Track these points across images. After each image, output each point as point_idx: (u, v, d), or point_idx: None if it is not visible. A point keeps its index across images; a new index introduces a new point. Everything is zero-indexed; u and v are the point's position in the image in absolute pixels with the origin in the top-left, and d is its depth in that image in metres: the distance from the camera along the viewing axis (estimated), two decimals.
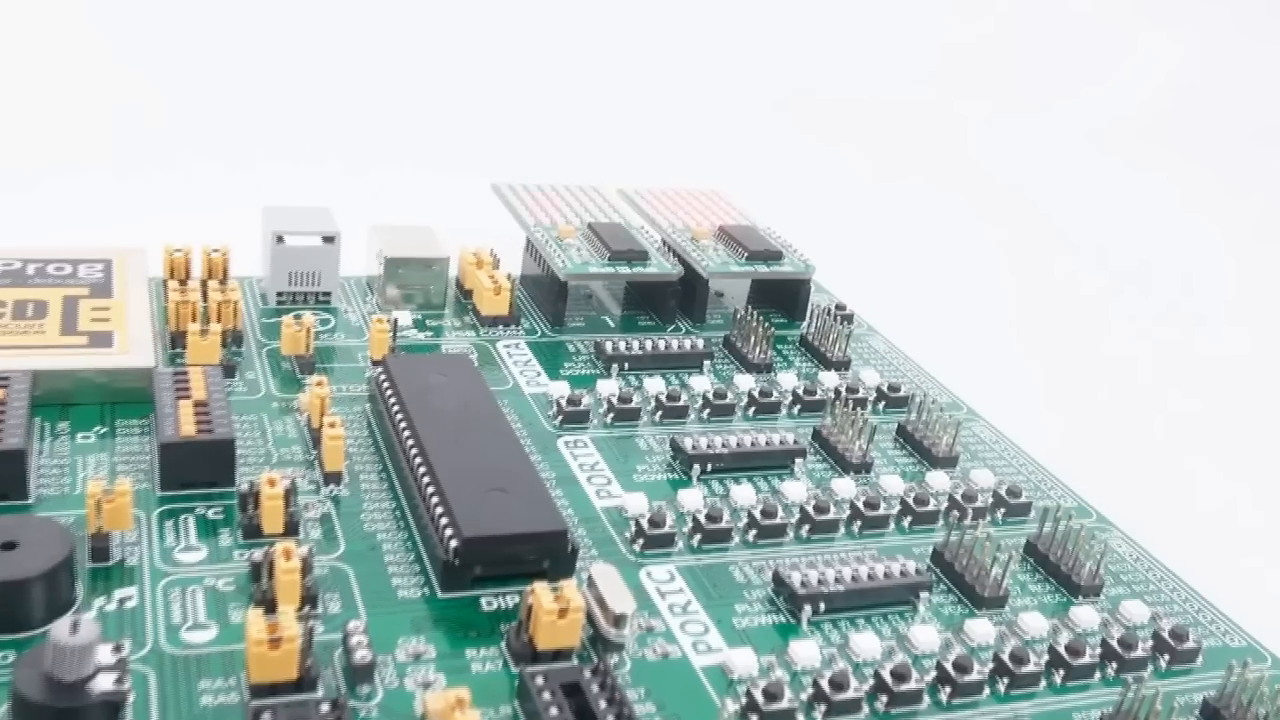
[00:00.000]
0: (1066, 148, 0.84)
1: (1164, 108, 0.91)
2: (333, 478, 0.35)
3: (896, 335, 0.51)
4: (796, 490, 0.37)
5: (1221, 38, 0.97)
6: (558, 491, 0.36)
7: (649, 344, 0.44)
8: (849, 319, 0.51)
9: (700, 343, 0.45)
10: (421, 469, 0.34)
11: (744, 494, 0.37)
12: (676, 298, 0.48)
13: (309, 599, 0.29)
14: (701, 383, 0.43)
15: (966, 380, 0.47)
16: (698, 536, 0.35)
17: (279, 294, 0.46)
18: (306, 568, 0.30)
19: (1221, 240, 0.74)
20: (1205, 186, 0.80)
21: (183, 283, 0.43)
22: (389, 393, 0.37)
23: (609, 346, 0.44)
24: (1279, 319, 0.65)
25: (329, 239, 0.46)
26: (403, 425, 0.36)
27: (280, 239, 0.45)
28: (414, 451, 0.35)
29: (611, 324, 0.48)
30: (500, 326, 0.46)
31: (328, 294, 0.46)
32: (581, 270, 0.46)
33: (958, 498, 0.38)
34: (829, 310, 0.49)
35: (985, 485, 0.40)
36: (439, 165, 0.67)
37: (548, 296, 0.47)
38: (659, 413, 0.41)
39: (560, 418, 0.40)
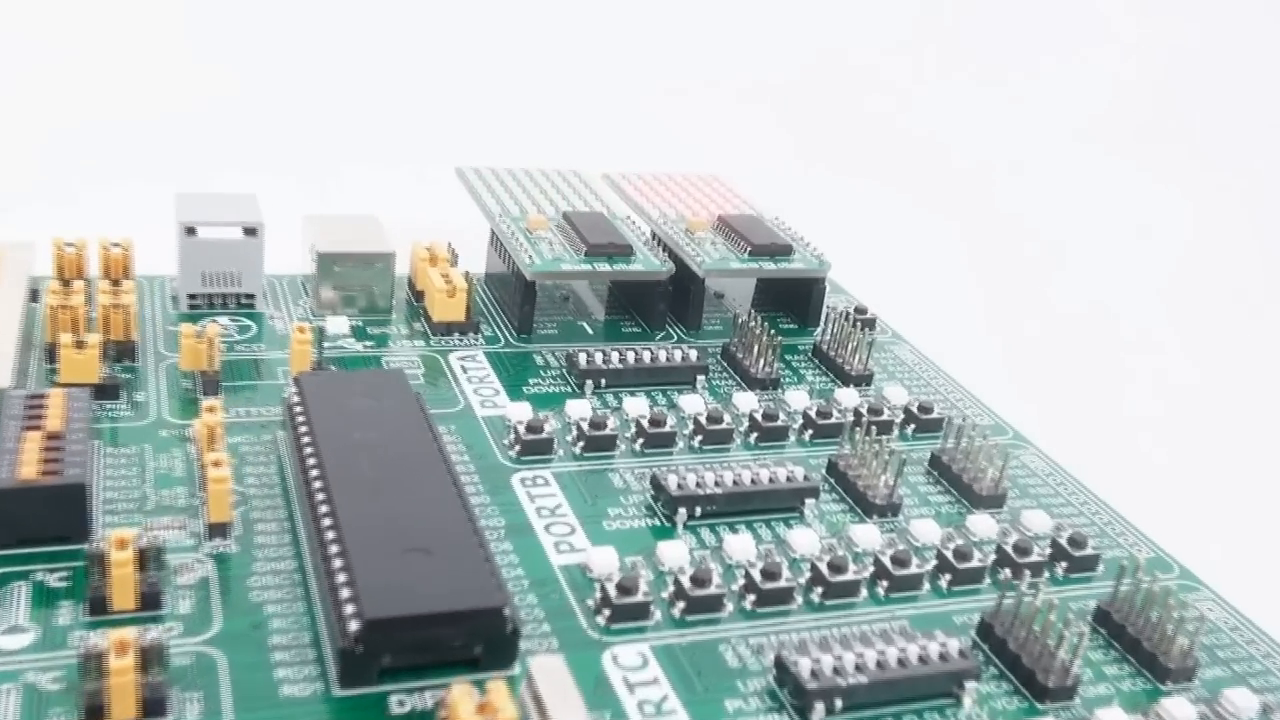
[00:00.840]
0: (1097, 142, 0.76)
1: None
2: (217, 530, 0.28)
3: (927, 344, 0.44)
4: (807, 540, 0.30)
5: (1220, 37, 0.89)
6: (506, 545, 0.29)
7: (631, 356, 0.37)
8: (870, 325, 0.44)
9: (694, 354, 0.38)
10: (326, 520, 0.26)
11: (741, 546, 0.30)
12: (667, 300, 0.41)
13: (152, 704, 0.22)
14: (693, 403, 0.36)
15: (1012, 397, 0.40)
16: (680, 605, 0.27)
17: (191, 297, 0.38)
18: (152, 660, 0.22)
19: None
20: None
21: (66, 283, 0.35)
22: (300, 420, 0.30)
23: (582, 359, 0.37)
24: None
25: (251, 231, 0.39)
26: (311, 462, 0.29)
27: (191, 231, 0.38)
28: (320, 497, 0.27)
29: (590, 331, 0.41)
30: (455, 334, 0.39)
31: (251, 297, 0.39)
32: (551, 268, 0.39)
33: (1008, 549, 0.31)
34: (847, 314, 0.42)
35: (1041, 531, 0.32)
36: (397, 147, 0.59)
37: (514, 298, 0.40)
38: (639, 440, 0.34)
39: (518, 448, 0.33)
